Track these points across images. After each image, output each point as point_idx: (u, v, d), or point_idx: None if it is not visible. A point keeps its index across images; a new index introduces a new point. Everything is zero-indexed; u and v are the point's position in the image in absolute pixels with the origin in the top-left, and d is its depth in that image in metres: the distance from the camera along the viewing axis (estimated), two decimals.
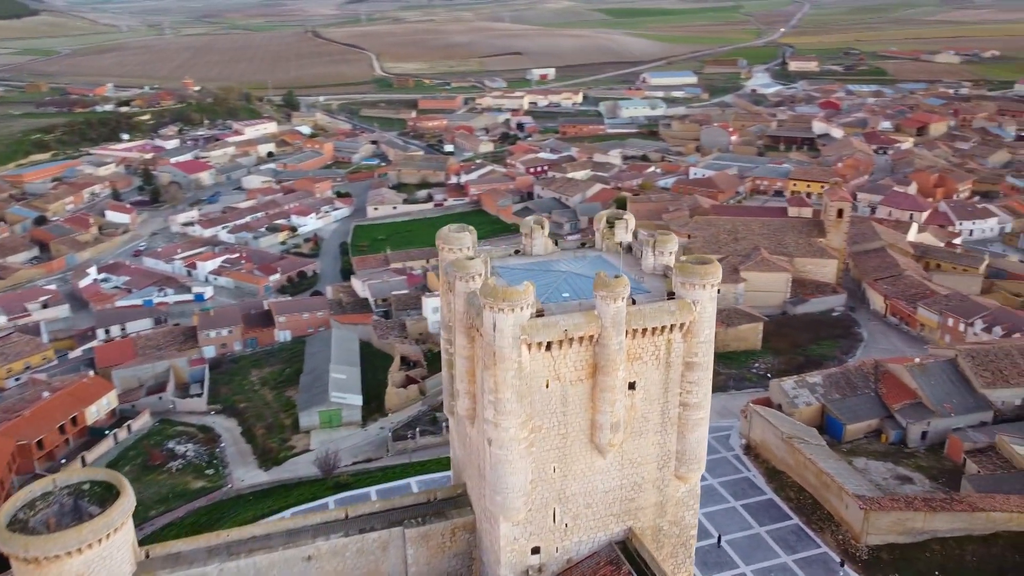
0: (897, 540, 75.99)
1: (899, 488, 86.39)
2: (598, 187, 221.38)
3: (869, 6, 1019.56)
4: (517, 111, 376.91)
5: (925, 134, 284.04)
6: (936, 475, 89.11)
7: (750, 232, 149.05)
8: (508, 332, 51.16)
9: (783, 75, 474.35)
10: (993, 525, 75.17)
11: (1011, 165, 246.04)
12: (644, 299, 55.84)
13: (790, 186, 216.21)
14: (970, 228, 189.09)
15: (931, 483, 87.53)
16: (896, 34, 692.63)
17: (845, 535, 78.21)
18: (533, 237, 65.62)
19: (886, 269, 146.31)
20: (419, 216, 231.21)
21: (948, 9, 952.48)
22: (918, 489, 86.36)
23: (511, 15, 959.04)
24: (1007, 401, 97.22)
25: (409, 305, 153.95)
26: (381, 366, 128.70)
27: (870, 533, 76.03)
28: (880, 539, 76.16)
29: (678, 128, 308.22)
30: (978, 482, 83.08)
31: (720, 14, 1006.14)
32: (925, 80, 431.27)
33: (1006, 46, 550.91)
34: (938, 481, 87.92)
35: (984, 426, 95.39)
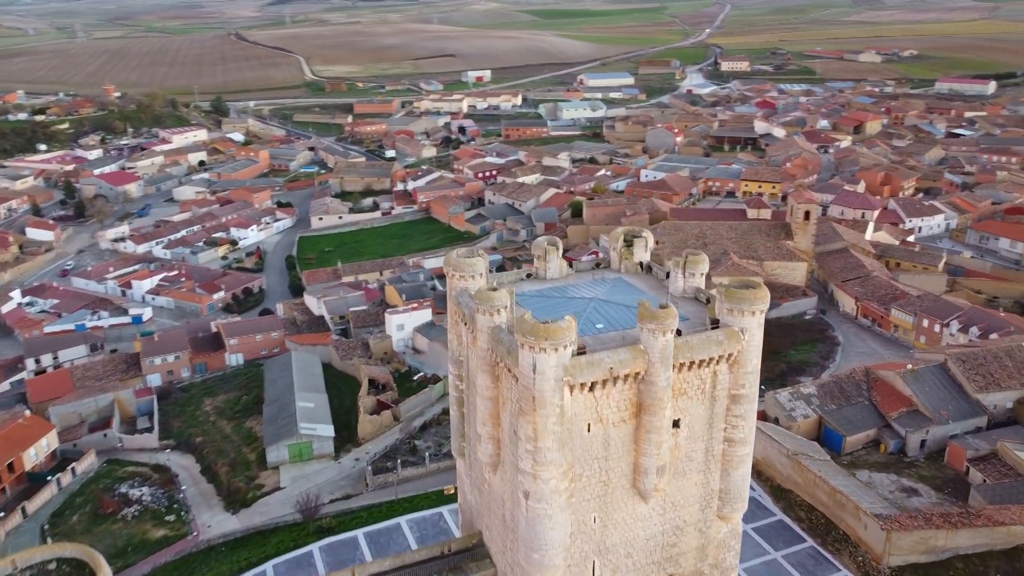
0: (919, 560, 73.48)
1: (907, 501, 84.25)
2: (551, 192, 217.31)
3: (787, 7, 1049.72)
4: (457, 114, 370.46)
5: (862, 132, 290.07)
6: (941, 485, 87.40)
7: (718, 236, 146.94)
8: (550, 374, 45.55)
9: (716, 75, 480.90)
10: (1014, 539, 73.37)
11: (946, 162, 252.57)
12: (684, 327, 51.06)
13: (742, 187, 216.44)
14: (919, 225, 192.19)
15: (937, 494, 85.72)
16: (817, 34, 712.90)
17: (865, 556, 75.29)
18: (547, 259, 60.13)
19: (853, 270, 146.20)
20: (367, 225, 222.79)
21: (861, 10, 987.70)
22: (925, 501, 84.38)
23: (439, 16, 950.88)
24: (999, 404, 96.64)
25: (369, 322, 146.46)
26: (347, 391, 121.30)
27: (892, 554, 73.27)
28: (902, 559, 73.50)
29: (622, 129, 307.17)
30: (987, 492, 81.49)
31: (646, 15, 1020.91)
32: (852, 79, 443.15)
33: (922, 46, 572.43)
34: (944, 492, 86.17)
35: (980, 432, 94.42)
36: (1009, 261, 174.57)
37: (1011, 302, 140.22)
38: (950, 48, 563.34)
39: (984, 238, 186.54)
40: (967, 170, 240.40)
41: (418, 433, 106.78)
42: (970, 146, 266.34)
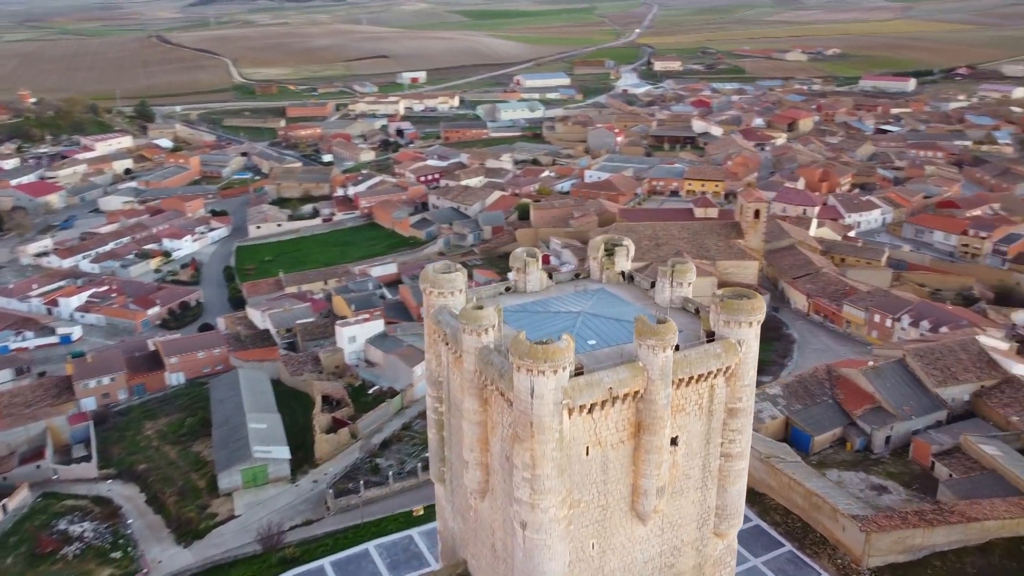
0: (898, 559, 73.47)
1: (877, 499, 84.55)
2: (496, 194, 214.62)
3: (713, 7, 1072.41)
4: (394, 117, 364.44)
5: (795, 129, 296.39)
6: (909, 481, 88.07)
7: (671, 237, 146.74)
8: (549, 397, 42.86)
9: (650, 75, 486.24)
10: (987, 534, 74.00)
11: (876, 157, 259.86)
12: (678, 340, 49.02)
13: (685, 186, 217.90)
14: (857, 220, 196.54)
15: (906, 490, 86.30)
16: (743, 34, 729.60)
17: (844, 559, 74.95)
18: (527, 272, 57.43)
19: (802, 267, 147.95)
20: (307, 233, 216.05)
21: (783, 10, 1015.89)
22: (896, 498, 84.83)
23: (368, 17, 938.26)
24: (956, 398, 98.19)
25: (318, 335, 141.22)
26: (300, 408, 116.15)
27: (871, 555, 73.07)
28: (881, 560, 73.39)
29: (562, 130, 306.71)
30: (956, 487, 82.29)
31: (575, 15, 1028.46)
32: (780, 77, 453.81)
33: (844, 45, 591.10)
34: (912, 488, 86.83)
35: (940, 425, 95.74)
36: (943, 253, 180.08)
37: (953, 294, 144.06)
38: (870, 47, 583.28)
39: (919, 231, 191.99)
40: (897, 165, 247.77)
41: (379, 451, 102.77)
42: (898, 142, 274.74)
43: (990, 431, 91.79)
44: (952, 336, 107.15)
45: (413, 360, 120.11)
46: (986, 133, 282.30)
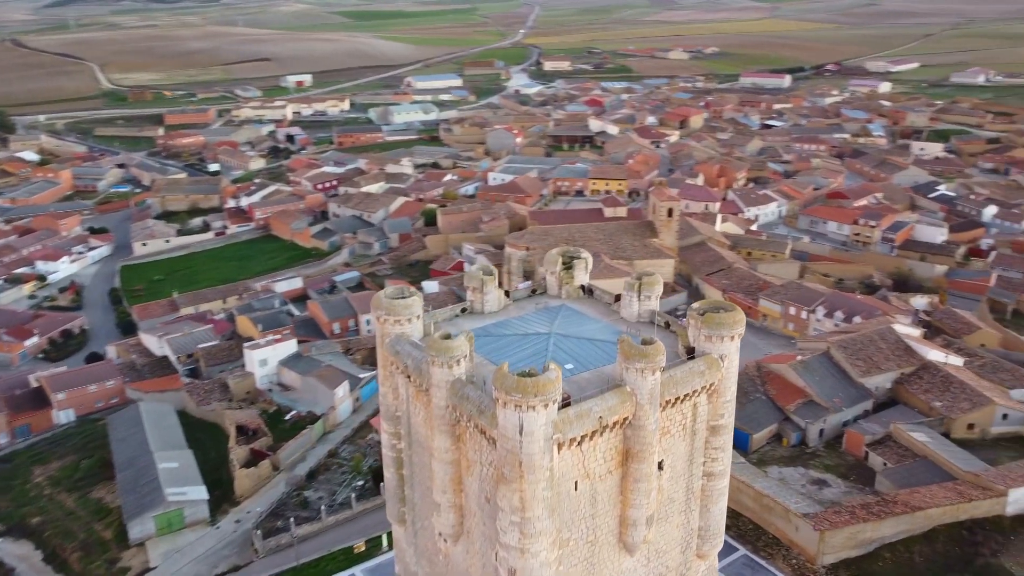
0: (851, 555, 74.06)
1: (819, 494, 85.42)
2: (400, 200, 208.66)
3: (593, 8, 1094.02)
4: (281, 122, 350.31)
5: (687, 127, 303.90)
6: (845, 473, 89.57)
7: (587, 238, 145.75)
8: (540, 434, 39.22)
9: (540, 75, 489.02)
10: (930, 521, 75.67)
11: (765, 152, 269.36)
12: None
13: (590, 185, 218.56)
14: (756, 214, 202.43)
15: (844, 482, 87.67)
16: (624, 33, 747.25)
17: (799, 558, 74.95)
18: (484, 291, 53.48)
19: (714, 263, 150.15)
20: (199, 248, 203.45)
21: (659, 10, 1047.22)
22: (836, 491, 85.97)
23: (244, 19, 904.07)
24: (880, 387, 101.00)
25: (223, 359, 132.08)
26: (212, 442, 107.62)
27: (825, 553, 73.31)
28: (835, 557, 73.79)
29: (460, 132, 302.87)
30: (892, 476, 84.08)
31: (459, 16, 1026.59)
32: (666, 76, 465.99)
33: (721, 43, 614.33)
34: (850, 479, 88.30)
35: (868, 415, 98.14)
36: (837, 243, 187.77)
37: (856, 283, 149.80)
38: (745, 45, 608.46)
39: (814, 222, 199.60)
40: (785, 159, 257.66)
41: (306, 482, 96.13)
42: (783, 136, 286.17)
43: (914, 417, 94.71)
44: (869, 326, 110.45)
45: (333, 381, 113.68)
46: (861, 126, 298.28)
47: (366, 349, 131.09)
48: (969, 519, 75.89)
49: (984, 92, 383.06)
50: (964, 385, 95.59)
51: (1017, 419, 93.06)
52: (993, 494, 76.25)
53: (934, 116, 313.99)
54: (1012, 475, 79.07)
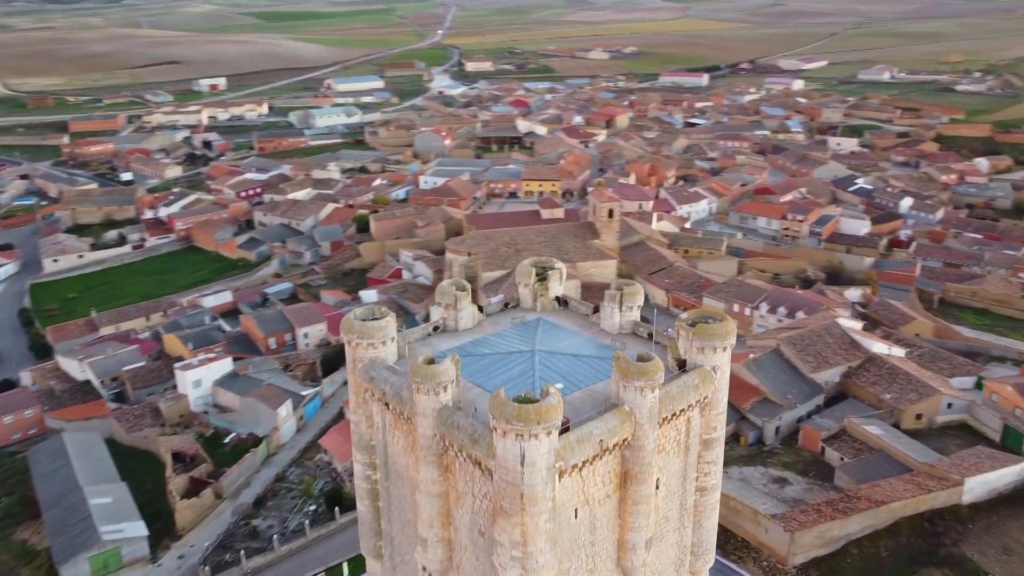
0: (820, 553, 74.22)
1: (781, 492, 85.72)
2: (330, 207, 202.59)
3: (509, 8, 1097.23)
4: (197, 127, 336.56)
5: (613, 126, 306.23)
6: (804, 469, 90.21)
7: (529, 242, 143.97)
8: (542, 463, 36.67)
9: (462, 76, 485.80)
10: (893, 515, 76.59)
11: (690, 149, 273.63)
12: None
13: (524, 186, 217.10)
14: (689, 211, 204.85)
15: (804, 479, 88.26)
16: (543, 34, 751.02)
17: (769, 560, 74.69)
18: (458, 307, 50.54)
19: (655, 262, 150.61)
20: (116, 263, 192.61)
21: (575, 11, 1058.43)
22: (797, 489, 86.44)
23: (148, 20, 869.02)
24: (829, 381, 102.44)
25: (152, 381, 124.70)
26: (147, 472, 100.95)
27: (795, 553, 73.22)
28: (804, 556, 73.81)
29: (386, 135, 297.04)
30: (851, 470, 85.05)
31: (375, 17, 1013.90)
32: (587, 76, 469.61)
33: (639, 43, 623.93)
34: (809, 476, 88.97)
35: (820, 410, 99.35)
36: (767, 238, 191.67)
37: (792, 277, 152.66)
38: (661, 44, 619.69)
39: (744, 218, 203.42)
40: (710, 156, 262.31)
41: (254, 510, 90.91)
42: (707, 134, 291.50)
43: (864, 410, 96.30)
44: (814, 321, 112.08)
45: (275, 401, 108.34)
46: (780, 123, 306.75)
47: (306, 364, 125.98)
48: (929, 510, 77.18)
49: (891, 89, 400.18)
50: (910, 376, 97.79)
51: (960, 407, 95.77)
52: (950, 484, 77.78)
53: (847, 112, 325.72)
54: (965, 464, 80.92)
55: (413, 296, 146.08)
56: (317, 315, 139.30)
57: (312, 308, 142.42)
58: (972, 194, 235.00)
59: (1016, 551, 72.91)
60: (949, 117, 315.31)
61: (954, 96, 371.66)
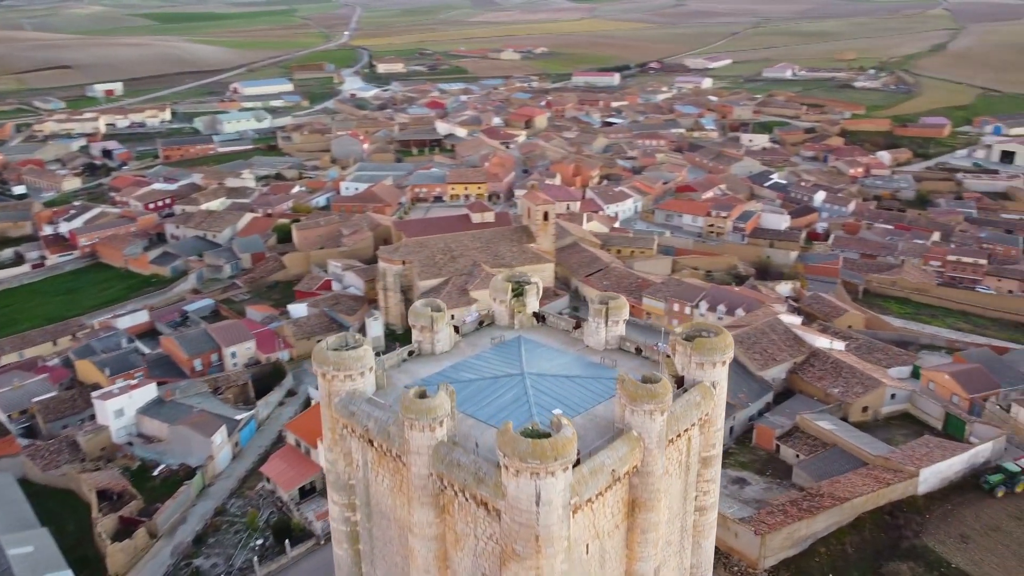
0: (789, 554, 74.12)
1: (741, 493, 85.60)
2: (247, 217, 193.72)
3: (414, 9, 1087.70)
4: (94, 136, 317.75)
5: (532, 127, 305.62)
6: (761, 468, 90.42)
7: (464, 248, 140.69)
8: (558, 501, 33.97)
9: (374, 77, 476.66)
10: (856, 511, 77.23)
11: (610, 149, 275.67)
12: None
13: (449, 190, 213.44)
14: (615, 211, 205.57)
15: (763, 479, 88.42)
16: (453, 34, 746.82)
17: (739, 564, 74.06)
18: (434, 329, 47.23)
19: (590, 264, 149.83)
20: (14, 284, 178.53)
21: (481, 11, 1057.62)
22: (757, 488, 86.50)
23: (31, 22, 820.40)
24: (776, 378, 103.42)
25: (65, 412, 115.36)
26: (70, 513, 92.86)
27: (766, 556, 72.87)
28: (775, 558, 73.53)
29: (300, 140, 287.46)
30: (808, 468, 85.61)
31: (276, 18, 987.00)
32: (501, 76, 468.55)
33: (548, 43, 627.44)
34: (766, 475, 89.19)
35: (770, 407, 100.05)
36: (693, 235, 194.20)
37: (724, 274, 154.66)
38: (570, 45, 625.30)
39: (669, 216, 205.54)
40: (630, 155, 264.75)
41: (194, 548, 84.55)
42: (625, 133, 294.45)
43: (812, 405, 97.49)
44: (757, 318, 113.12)
45: (208, 428, 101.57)
46: (694, 120, 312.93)
47: (236, 386, 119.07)
48: (888, 503, 78.21)
49: (794, 86, 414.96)
50: (853, 369, 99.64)
51: (903, 397, 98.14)
52: (906, 476, 79.09)
53: (756, 109, 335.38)
54: (917, 455, 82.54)
55: (346, 308, 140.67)
56: (244, 332, 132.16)
57: (238, 325, 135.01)
58: (878, 186, 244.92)
59: (973, 538, 74.65)
60: (851, 113, 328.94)
61: (853, 92, 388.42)
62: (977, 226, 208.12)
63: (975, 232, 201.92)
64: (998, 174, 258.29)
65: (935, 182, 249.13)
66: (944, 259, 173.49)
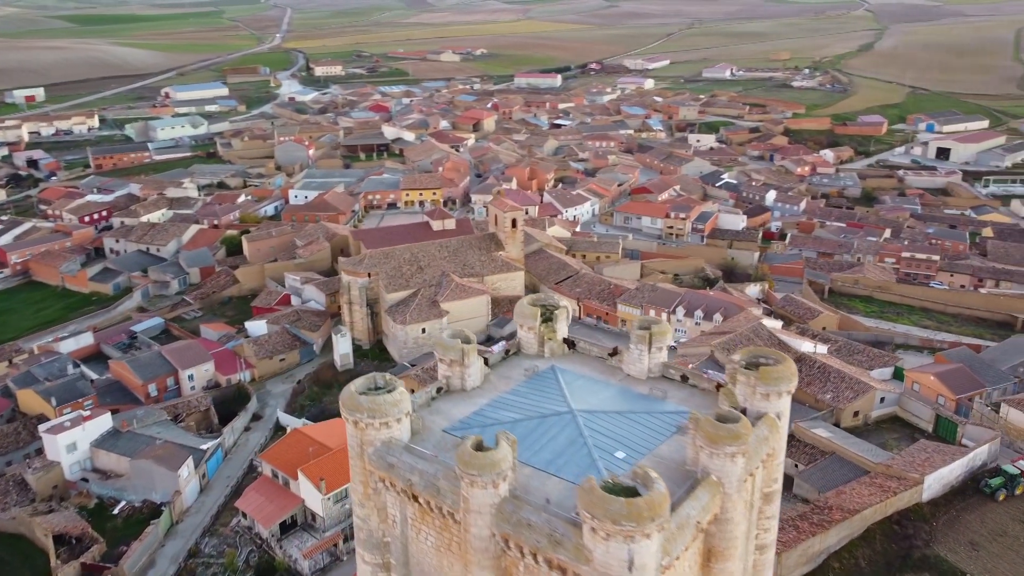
0: (804, 571, 72.16)
1: None
2: (193, 228, 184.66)
3: (346, 10, 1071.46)
4: (17, 145, 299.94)
5: (481, 129, 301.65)
6: None
7: (431, 257, 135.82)
8: (652, 565, 30.20)
9: (311, 81, 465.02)
10: (865, 522, 75.84)
11: (561, 151, 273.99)
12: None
13: (403, 196, 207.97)
14: (574, 214, 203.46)
15: None
16: (387, 36, 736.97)
17: None
18: (466, 364, 42.89)
19: (559, 270, 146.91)
20: None
21: (415, 12, 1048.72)
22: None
23: None
24: None
25: (8, 448, 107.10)
26: (22, 562, 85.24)
27: (783, 575, 70.67)
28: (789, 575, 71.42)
29: (241, 146, 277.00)
30: (810, 478, 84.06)
31: (203, 19, 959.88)
32: (443, 78, 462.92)
33: (486, 44, 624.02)
34: None
35: None
36: (652, 237, 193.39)
37: (692, 277, 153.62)
38: (509, 46, 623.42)
39: (628, 218, 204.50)
40: (582, 157, 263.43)
41: None
42: (575, 134, 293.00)
43: (805, 412, 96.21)
44: (739, 323, 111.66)
45: (174, 460, 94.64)
46: (642, 121, 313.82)
47: (198, 412, 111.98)
48: (895, 512, 77.07)
49: (733, 86, 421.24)
50: (842, 374, 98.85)
51: (892, 400, 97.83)
52: (911, 483, 78.11)
53: (701, 110, 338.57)
54: (918, 461, 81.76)
55: (308, 324, 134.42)
56: (201, 353, 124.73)
57: (194, 346, 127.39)
58: (825, 184, 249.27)
59: (982, 545, 74.02)
60: (792, 112, 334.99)
61: (791, 92, 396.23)
62: (923, 222, 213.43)
63: (923, 228, 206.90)
64: (936, 171, 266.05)
65: (878, 179, 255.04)
66: (899, 256, 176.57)
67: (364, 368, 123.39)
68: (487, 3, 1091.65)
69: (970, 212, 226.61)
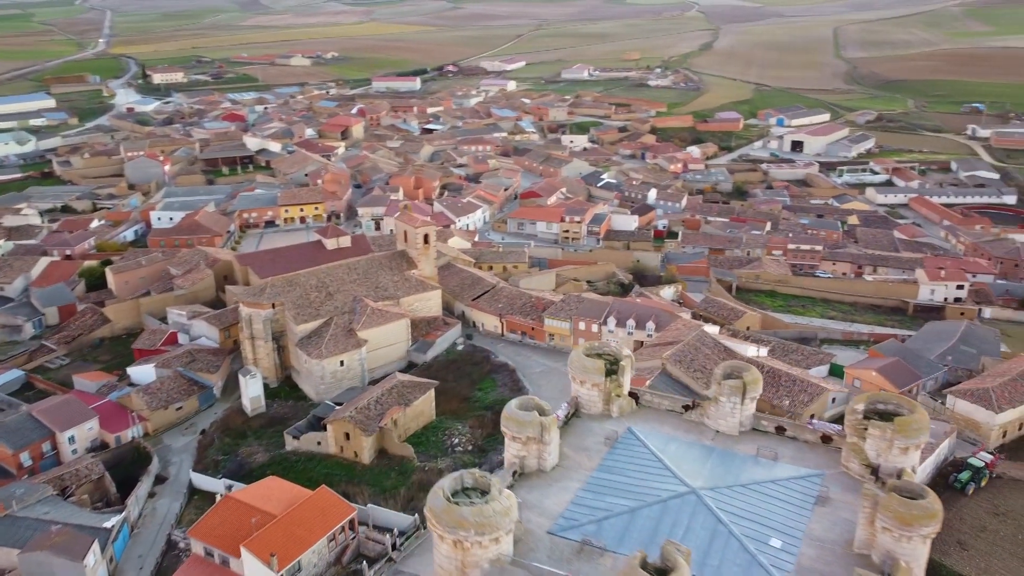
0: None
1: None
2: (43, 261, 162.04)
3: (174, 13, 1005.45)
4: None
5: (350, 137, 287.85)
6: None
7: (339, 282, 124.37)
8: None
9: (150, 89, 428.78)
10: None
11: (438, 157, 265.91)
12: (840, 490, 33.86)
13: (282, 213, 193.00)
14: (467, 223, 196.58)
15: None
16: (223, 40, 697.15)
17: None
18: (545, 441, 35.35)
19: (473, 285, 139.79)
20: None
21: (252, 15, 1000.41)
22: None
23: None
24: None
25: None
26: None
27: None
28: None
29: (83, 164, 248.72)
30: None
31: (11, 23, 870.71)
32: (295, 83, 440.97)
33: (337, 47, 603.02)
34: None
35: None
36: (548, 242, 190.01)
37: (606, 283, 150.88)
38: (359, 49, 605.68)
39: (521, 224, 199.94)
40: (460, 162, 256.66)
41: None
42: (449, 139, 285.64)
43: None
44: (679, 332, 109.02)
45: (75, 548, 79.25)
46: (514, 124, 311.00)
47: (90, 482, 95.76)
48: None
49: (593, 86, 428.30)
50: (791, 377, 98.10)
51: (841, 400, 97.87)
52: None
53: (570, 111, 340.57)
54: None
55: (205, 365, 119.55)
56: (81, 410, 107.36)
57: (71, 401, 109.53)
58: (698, 180, 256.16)
59: (970, 543, 74.22)
60: (655, 111, 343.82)
61: (649, 91, 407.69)
62: (794, 213, 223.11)
63: (796, 219, 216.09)
64: (795, 163, 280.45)
65: (745, 173, 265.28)
66: (785, 248, 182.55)
67: (278, 411, 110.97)
68: (327, 5, 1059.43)
69: (833, 201, 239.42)
